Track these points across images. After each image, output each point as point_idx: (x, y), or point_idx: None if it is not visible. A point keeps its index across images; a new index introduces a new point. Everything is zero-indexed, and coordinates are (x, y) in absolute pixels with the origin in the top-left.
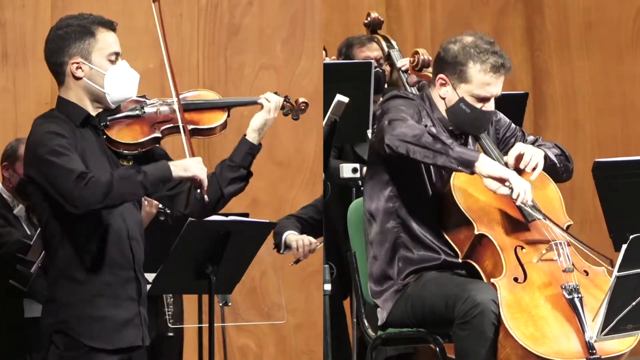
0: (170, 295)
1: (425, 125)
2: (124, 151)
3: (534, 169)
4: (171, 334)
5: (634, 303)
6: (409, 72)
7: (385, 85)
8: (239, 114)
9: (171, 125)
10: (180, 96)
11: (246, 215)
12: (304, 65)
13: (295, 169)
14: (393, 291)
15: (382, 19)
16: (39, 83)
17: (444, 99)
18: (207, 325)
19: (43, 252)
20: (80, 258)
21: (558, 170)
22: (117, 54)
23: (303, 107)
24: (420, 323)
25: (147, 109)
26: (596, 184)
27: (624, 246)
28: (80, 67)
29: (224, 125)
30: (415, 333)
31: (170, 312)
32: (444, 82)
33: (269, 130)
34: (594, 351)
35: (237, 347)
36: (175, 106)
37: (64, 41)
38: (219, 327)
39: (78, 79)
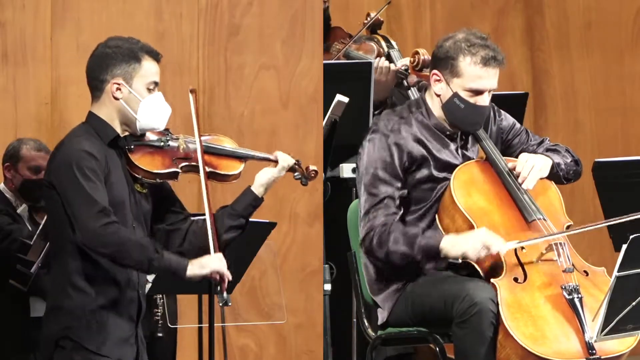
0: (161, 295)
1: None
2: (143, 178)
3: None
4: (161, 334)
5: (634, 303)
6: (409, 72)
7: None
8: (238, 114)
9: (191, 163)
10: (202, 138)
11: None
12: (304, 65)
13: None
14: (393, 290)
15: (382, 19)
16: (39, 83)
17: (439, 96)
18: (207, 325)
19: (43, 252)
20: (90, 272)
21: (562, 180)
22: (156, 84)
23: (313, 175)
24: (419, 322)
25: (171, 143)
26: (596, 184)
27: (624, 246)
28: (120, 89)
29: (238, 176)
30: (415, 333)
31: (160, 313)
32: (437, 78)
33: (269, 129)
34: (594, 351)
35: (237, 347)
36: (198, 149)
37: (110, 60)
38: (219, 327)
39: (115, 99)
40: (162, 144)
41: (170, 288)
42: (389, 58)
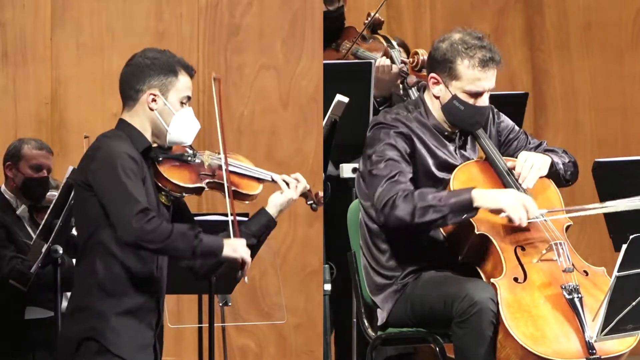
0: None
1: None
2: (170, 190)
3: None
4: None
5: (634, 303)
6: (408, 72)
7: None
8: (238, 113)
9: (215, 180)
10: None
11: (246, 215)
12: (304, 65)
13: (295, 169)
14: (392, 291)
15: (382, 19)
16: (39, 83)
17: (438, 97)
18: (207, 325)
19: (43, 252)
20: (118, 275)
21: (561, 179)
22: (189, 98)
23: (322, 201)
24: (419, 322)
25: (197, 158)
26: (596, 184)
27: (624, 246)
28: (156, 100)
29: (256, 197)
30: (415, 333)
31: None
32: (436, 81)
33: (269, 129)
34: (594, 351)
35: (237, 347)
36: (223, 167)
37: (148, 70)
38: (219, 327)
39: (150, 109)
40: (188, 158)
41: (170, 288)
42: (390, 58)
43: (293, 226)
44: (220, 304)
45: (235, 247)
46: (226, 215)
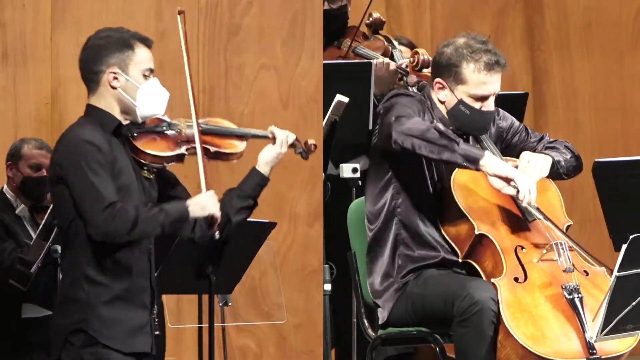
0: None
1: (432, 122)
2: (150, 163)
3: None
4: (157, 332)
5: (634, 303)
6: (409, 72)
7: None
8: (238, 114)
9: (194, 145)
10: (201, 120)
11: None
12: (304, 65)
13: (295, 169)
14: (393, 290)
15: (383, 20)
16: (39, 83)
17: (443, 102)
18: (207, 325)
19: (43, 252)
20: (103, 262)
21: (563, 176)
22: (151, 70)
23: (313, 149)
24: (420, 322)
25: (172, 127)
26: (596, 184)
27: (624, 246)
28: (117, 78)
29: (241, 154)
30: (415, 333)
31: (156, 311)
32: (441, 86)
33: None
34: (594, 351)
35: (237, 347)
36: (195, 128)
37: (104, 50)
38: (219, 327)
39: (113, 88)
40: (163, 129)
41: (170, 288)
42: (391, 58)
43: (293, 226)
44: (220, 304)
45: (202, 204)
46: None
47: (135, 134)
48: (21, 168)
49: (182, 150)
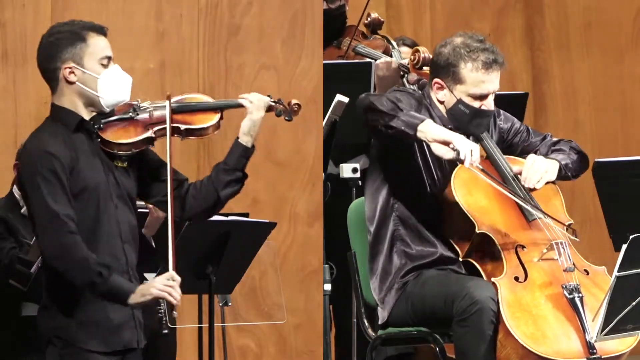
0: None
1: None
2: (118, 152)
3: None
4: (166, 331)
5: (634, 303)
6: (409, 70)
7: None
8: (238, 113)
9: (164, 126)
10: (173, 99)
11: (246, 215)
12: (304, 65)
13: (295, 169)
14: (393, 290)
15: (382, 20)
16: (39, 83)
17: (442, 102)
18: (207, 325)
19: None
20: None
21: (571, 178)
22: (109, 58)
23: (296, 109)
24: (420, 321)
25: (140, 112)
26: (596, 184)
27: (624, 246)
28: (73, 72)
29: (217, 126)
30: (415, 333)
31: (162, 310)
32: (440, 86)
33: (269, 130)
34: (595, 351)
35: (237, 347)
36: (167, 109)
37: (55, 47)
38: (219, 327)
39: (71, 83)
40: (131, 114)
41: None
42: (390, 56)
43: (293, 226)
44: (220, 304)
45: (144, 292)
46: (225, 215)
47: (101, 125)
48: None
49: (150, 133)
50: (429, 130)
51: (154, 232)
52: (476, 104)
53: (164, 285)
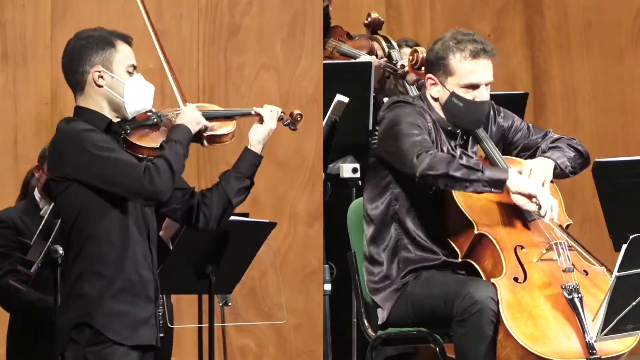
0: (161, 295)
1: (449, 151)
2: (148, 156)
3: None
4: (162, 334)
5: (634, 303)
6: (407, 71)
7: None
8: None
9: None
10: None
11: (246, 215)
12: (304, 65)
13: (295, 169)
14: (393, 290)
15: (382, 20)
16: (39, 83)
17: (437, 100)
18: (207, 325)
19: (43, 252)
20: (107, 255)
21: (569, 175)
22: (134, 67)
23: (299, 119)
24: (420, 322)
25: (163, 118)
26: (596, 184)
27: (624, 246)
28: (102, 76)
29: (233, 134)
30: (415, 333)
31: (160, 313)
32: (433, 81)
33: None
34: (594, 351)
35: (237, 347)
36: (168, 73)
37: (86, 50)
38: (219, 327)
39: (99, 87)
40: (154, 120)
41: (170, 288)
42: (389, 58)
43: (293, 226)
44: (220, 304)
45: (196, 119)
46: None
47: (128, 130)
48: (46, 169)
49: None
50: (514, 184)
51: (171, 235)
52: (469, 95)
53: (197, 115)
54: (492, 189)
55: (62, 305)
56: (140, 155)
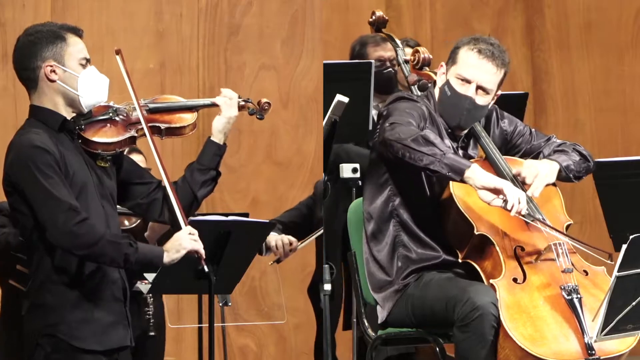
0: (151, 295)
1: (423, 129)
2: (102, 151)
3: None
4: (153, 334)
5: (634, 303)
6: (409, 69)
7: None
8: (238, 114)
9: (147, 126)
10: (148, 100)
11: (246, 215)
12: (304, 65)
13: (295, 169)
14: (393, 291)
15: (386, 18)
16: None
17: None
18: (207, 325)
19: None
20: (67, 263)
21: (573, 180)
22: (87, 60)
23: (266, 107)
24: (420, 324)
25: (119, 113)
26: (596, 184)
27: (624, 246)
28: (54, 70)
29: (194, 126)
30: (415, 333)
31: (150, 312)
32: (443, 70)
33: (269, 130)
34: (593, 352)
35: (237, 347)
36: (138, 111)
37: (35, 46)
38: (219, 327)
39: (52, 82)
40: (110, 115)
41: (170, 288)
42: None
43: None
44: (220, 304)
45: (177, 247)
46: (225, 215)
47: (82, 126)
48: None
49: (132, 132)
50: (477, 177)
51: (157, 237)
52: (461, 88)
53: (190, 239)
54: (449, 173)
55: (26, 315)
56: (94, 152)
